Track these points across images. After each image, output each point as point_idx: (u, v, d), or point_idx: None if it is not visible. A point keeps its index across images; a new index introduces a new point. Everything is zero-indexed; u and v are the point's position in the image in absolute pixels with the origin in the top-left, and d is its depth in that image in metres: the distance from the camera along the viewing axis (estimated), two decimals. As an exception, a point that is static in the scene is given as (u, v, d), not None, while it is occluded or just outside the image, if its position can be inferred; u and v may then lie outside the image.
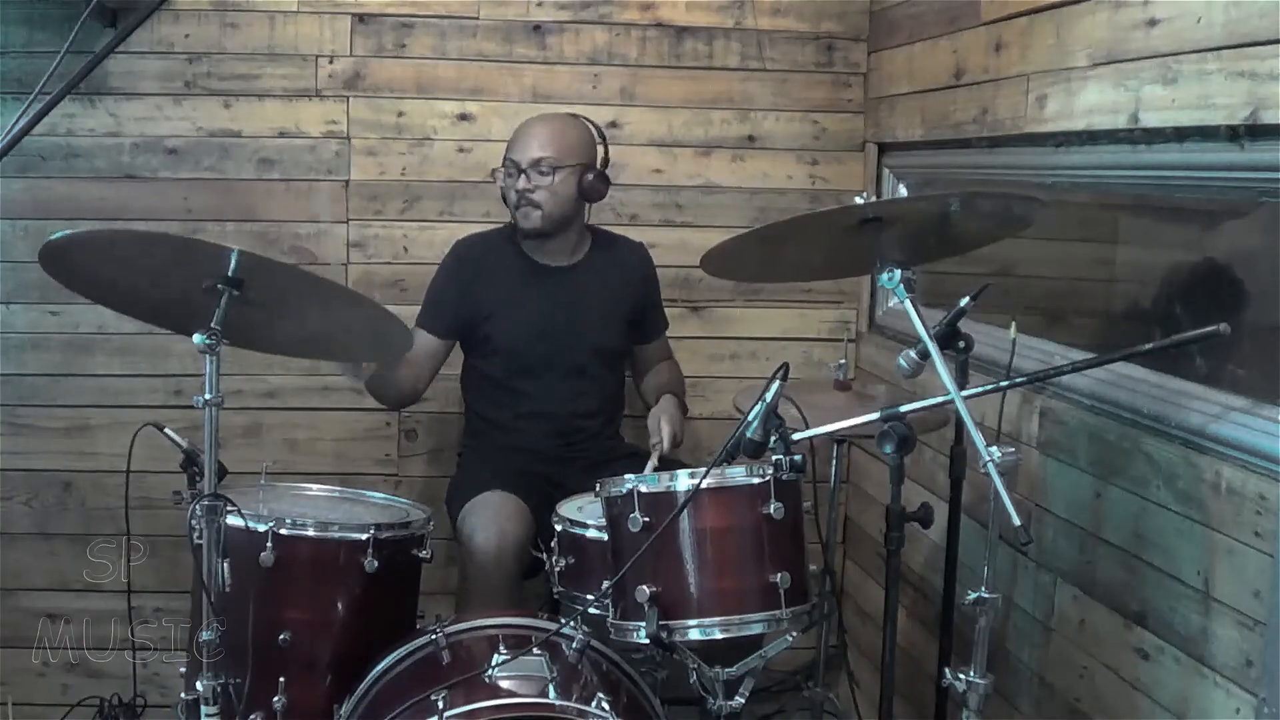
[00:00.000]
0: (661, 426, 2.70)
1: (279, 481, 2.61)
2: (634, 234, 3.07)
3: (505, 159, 2.79)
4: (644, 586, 1.95)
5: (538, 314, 2.85)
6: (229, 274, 1.97)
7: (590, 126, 2.87)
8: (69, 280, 2.13)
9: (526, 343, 2.84)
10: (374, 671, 2.16)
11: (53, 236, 1.95)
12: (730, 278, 3.09)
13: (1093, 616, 2.18)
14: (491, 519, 2.56)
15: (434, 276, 2.92)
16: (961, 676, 1.91)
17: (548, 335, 2.84)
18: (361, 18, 3.16)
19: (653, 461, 2.62)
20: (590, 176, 2.79)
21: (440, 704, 1.90)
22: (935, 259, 2.33)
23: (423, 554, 2.41)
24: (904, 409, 1.95)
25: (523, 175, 2.74)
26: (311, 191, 3.20)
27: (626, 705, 2.06)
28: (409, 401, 2.92)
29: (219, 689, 2.02)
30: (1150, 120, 2.00)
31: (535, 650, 2.06)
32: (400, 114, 3.20)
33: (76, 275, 2.13)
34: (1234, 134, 1.81)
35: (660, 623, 1.94)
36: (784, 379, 2.03)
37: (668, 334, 3.16)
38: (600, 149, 2.85)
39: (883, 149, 3.26)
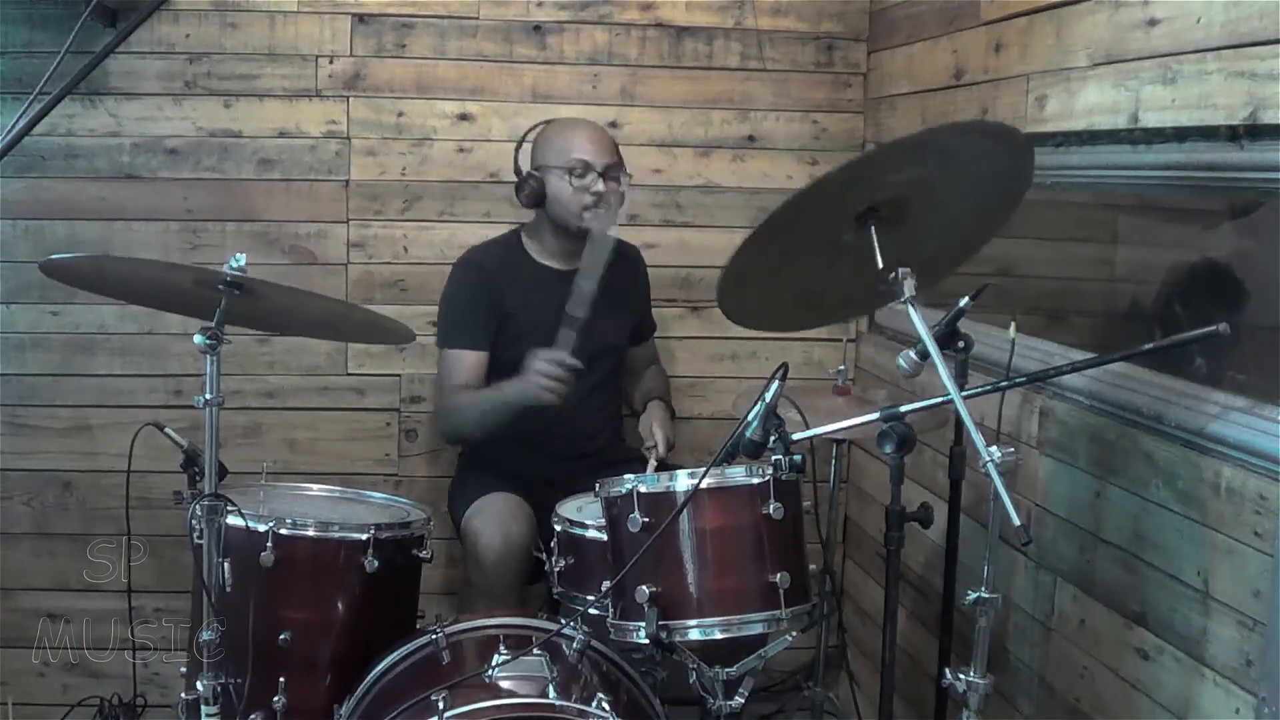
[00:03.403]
0: (655, 432, 2.77)
1: (279, 481, 2.62)
2: (633, 234, 3.07)
3: (574, 160, 2.76)
4: (644, 586, 1.96)
5: (551, 318, 2.84)
6: (228, 280, 1.97)
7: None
8: (71, 281, 2.14)
9: (539, 347, 2.84)
10: (374, 671, 2.17)
11: (52, 258, 1.97)
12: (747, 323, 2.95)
13: (1093, 616, 2.17)
14: (497, 521, 2.57)
15: (455, 293, 2.89)
16: (961, 676, 1.90)
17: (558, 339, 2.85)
18: (361, 18, 3.16)
19: (652, 463, 2.68)
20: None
21: (440, 704, 1.90)
22: (942, 267, 2.25)
23: (423, 554, 2.42)
24: (904, 409, 1.95)
25: (600, 179, 2.77)
26: (311, 191, 3.20)
27: (626, 705, 2.06)
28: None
29: (219, 689, 2.02)
30: (1150, 120, 1.99)
31: (535, 650, 2.06)
32: (400, 114, 3.20)
33: (78, 278, 2.15)
34: (1234, 134, 1.81)
35: (660, 623, 1.94)
36: (783, 379, 2.03)
37: (669, 334, 3.16)
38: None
39: (883, 149, 3.26)
